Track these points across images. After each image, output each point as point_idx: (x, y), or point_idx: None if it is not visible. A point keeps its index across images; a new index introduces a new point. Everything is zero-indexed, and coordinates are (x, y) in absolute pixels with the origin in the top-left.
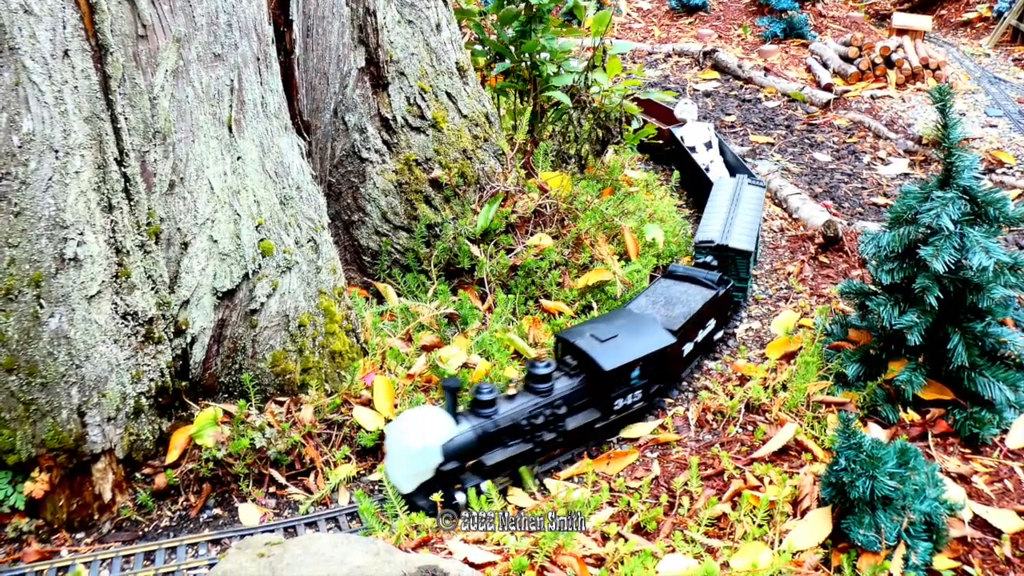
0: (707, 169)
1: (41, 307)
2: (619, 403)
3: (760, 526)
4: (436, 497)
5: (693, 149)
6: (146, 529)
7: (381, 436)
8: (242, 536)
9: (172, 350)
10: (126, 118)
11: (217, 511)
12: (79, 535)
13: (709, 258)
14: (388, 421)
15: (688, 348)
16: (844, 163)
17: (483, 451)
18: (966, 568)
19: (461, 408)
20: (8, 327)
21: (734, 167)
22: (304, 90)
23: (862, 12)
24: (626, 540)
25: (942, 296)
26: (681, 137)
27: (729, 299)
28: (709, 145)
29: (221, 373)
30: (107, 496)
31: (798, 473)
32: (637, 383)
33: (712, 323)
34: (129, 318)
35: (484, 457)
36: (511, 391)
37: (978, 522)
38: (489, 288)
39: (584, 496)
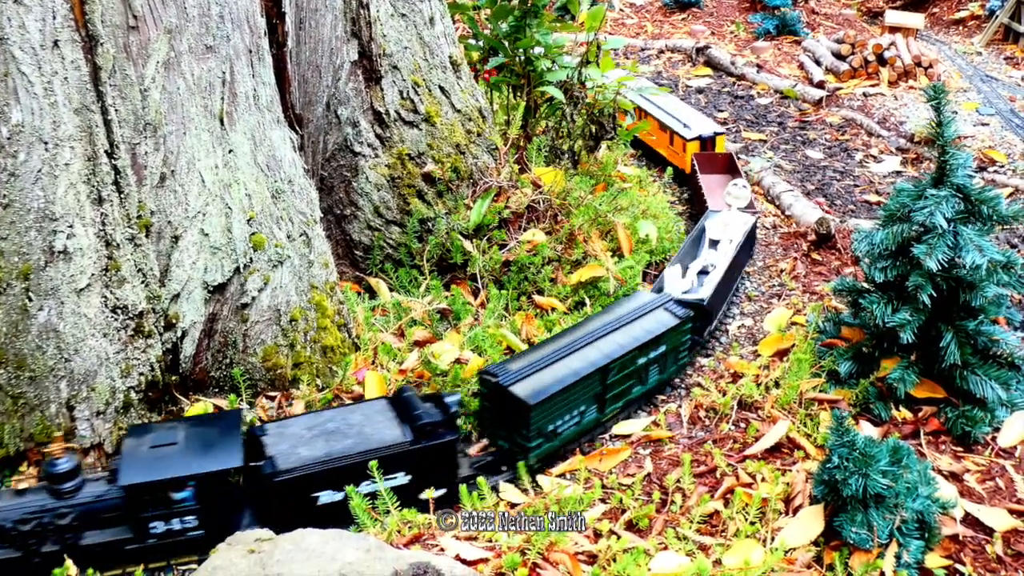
0: (706, 271)
1: (30, 300)
2: (158, 527)
3: (752, 523)
4: None
5: (714, 244)
6: None
7: None
8: None
9: (162, 344)
10: (116, 110)
11: None
12: None
13: (454, 398)
14: None
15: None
16: (836, 160)
17: None
18: (958, 566)
19: None
20: None
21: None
22: (296, 83)
23: (855, 9)
24: (618, 537)
25: (935, 294)
26: (705, 227)
27: (440, 454)
28: (730, 241)
29: (212, 367)
30: None
31: (791, 470)
32: (189, 506)
33: (401, 475)
34: (119, 311)
35: None
36: (24, 485)
37: (970, 520)
38: (482, 283)
39: (576, 493)
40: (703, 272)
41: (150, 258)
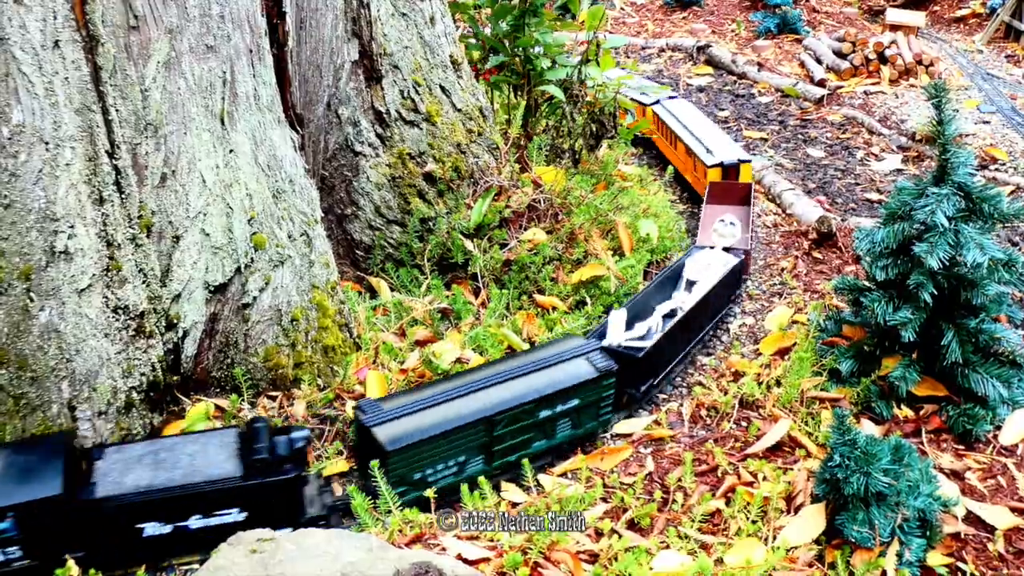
0: (674, 313)
1: (31, 300)
2: None
3: (754, 522)
4: None
5: (691, 285)
6: None
7: None
8: None
9: (163, 344)
10: (117, 110)
11: None
12: None
13: (302, 434)
14: None
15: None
16: (837, 159)
17: None
18: (959, 564)
19: None
20: None
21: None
22: (297, 83)
23: (856, 8)
24: (620, 536)
25: (936, 292)
26: (683, 264)
27: (279, 492)
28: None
29: (213, 367)
30: None
31: (792, 469)
32: (12, 536)
33: (236, 512)
34: (120, 312)
35: None
36: None
37: (971, 518)
38: (483, 283)
39: (578, 492)
40: (670, 315)
41: (151, 258)
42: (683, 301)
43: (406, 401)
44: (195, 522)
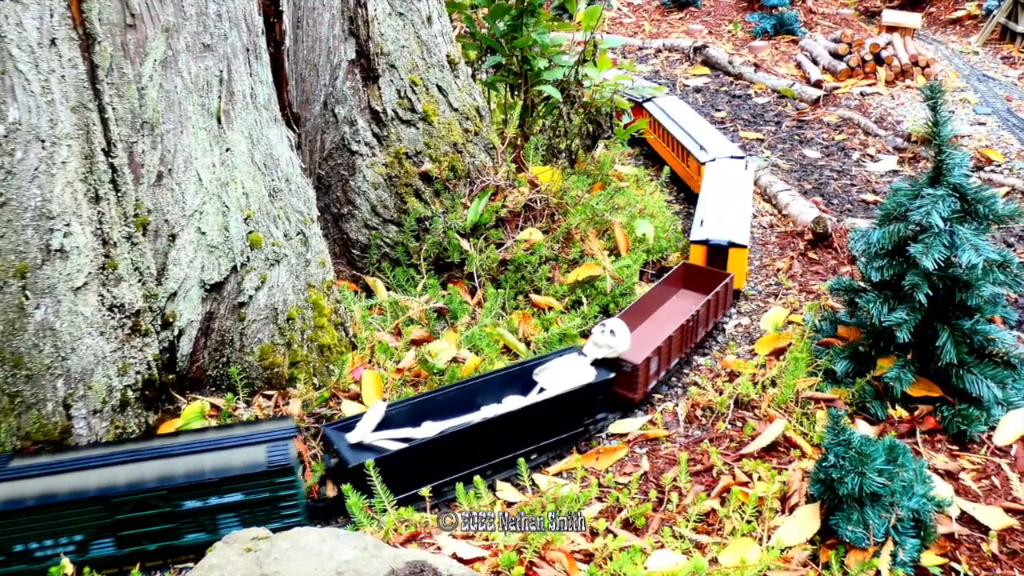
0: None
1: (26, 298)
2: None
3: (749, 522)
4: None
5: (542, 390)
6: None
7: None
8: None
9: (159, 343)
10: (113, 108)
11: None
12: None
13: None
14: None
15: None
16: (833, 160)
17: None
18: (953, 564)
19: None
20: None
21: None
22: (294, 82)
23: (852, 9)
24: (615, 536)
25: (931, 293)
26: (538, 374)
27: None
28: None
29: (208, 366)
30: None
31: (787, 469)
32: None
33: None
34: (116, 310)
35: None
36: None
37: (965, 519)
38: (479, 282)
39: (573, 492)
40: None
41: (147, 256)
42: (492, 411)
43: (26, 463)
44: None
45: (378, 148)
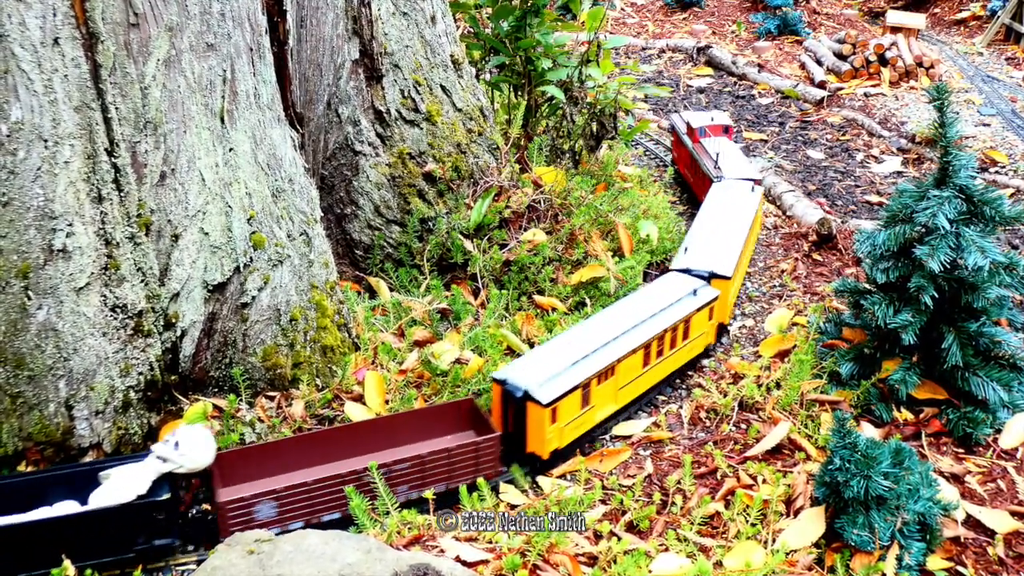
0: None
1: (29, 299)
2: None
3: (753, 525)
4: None
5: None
6: None
7: None
8: None
9: (162, 343)
10: (117, 108)
11: (206, 506)
12: None
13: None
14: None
15: None
16: (837, 161)
17: None
18: (959, 568)
19: None
20: None
21: None
22: (297, 81)
23: (856, 9)
24: (619, 539)
25: (937, 295)
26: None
27: None
28: None
29: (211, 367)
30: None
31: (792, 472)
32: None
33: None
34: (118, 311)
35: None
36: None
37: (971, 522)
38: (482, 283)
39: (577, 494)
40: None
41: (150, 257)
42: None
43: None
44: None
45: (381, 148)
